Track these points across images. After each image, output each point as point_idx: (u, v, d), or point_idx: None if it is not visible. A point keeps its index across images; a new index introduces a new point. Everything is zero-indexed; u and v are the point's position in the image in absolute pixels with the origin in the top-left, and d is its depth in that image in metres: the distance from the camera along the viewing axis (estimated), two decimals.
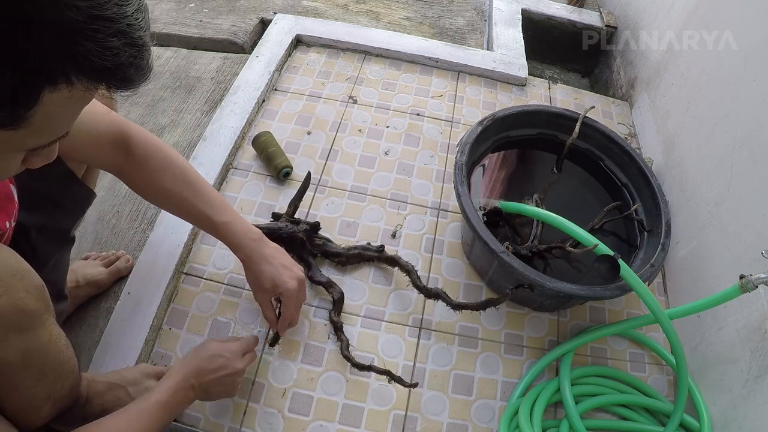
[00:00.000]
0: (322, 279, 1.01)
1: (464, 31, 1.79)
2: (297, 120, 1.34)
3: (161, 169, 0.81)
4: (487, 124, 1.11)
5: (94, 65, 0.37)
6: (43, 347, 0.59)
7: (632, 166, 1.13)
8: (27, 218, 0.65)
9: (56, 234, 0.75)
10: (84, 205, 0.80)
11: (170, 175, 0.81)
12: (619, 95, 1.61)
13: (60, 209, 0.74)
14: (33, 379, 0.60)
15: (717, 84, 1.09)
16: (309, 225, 1.05)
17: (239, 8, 1.72)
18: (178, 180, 0.82)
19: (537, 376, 0.98)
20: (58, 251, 0.77)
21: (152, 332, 0.95)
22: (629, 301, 1.11)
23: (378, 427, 0.91)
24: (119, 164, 0.79)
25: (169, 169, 0.81)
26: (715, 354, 0.94)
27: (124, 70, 0.39)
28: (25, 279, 0.55)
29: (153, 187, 0.82)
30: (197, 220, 0.86)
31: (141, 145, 0.79)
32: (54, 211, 0.73)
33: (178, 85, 1.44)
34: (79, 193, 0.78)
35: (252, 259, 0.85)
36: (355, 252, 1.05)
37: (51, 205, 0.72)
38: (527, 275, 0.88)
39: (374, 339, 1.00)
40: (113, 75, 0.39)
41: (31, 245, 0.69)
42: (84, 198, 0.79)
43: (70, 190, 0.76)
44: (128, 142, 0.77)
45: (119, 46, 0.38)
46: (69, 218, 0.78)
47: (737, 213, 0.95)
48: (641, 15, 1.56)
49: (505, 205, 1.03)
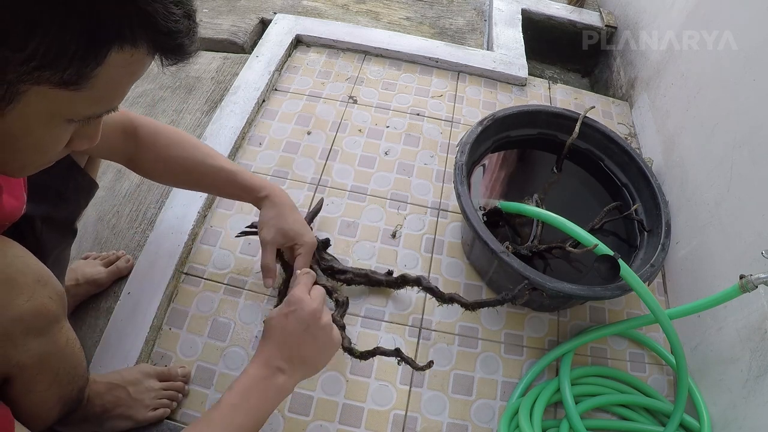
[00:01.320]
0: (327, 284, 0.97)
1: (464, 31, 1.79)
2: (297, 120, 1.34)
3: (171, 143, 0.85)
4: (487, 124, 1.11)
5: (158, 27, 0.40)
6: (60, 351, 0.60)
7: (632, 166, 1.13)
8: (32, 209, 0.65)
9: (61, 225, 0.76)
10: (87, 196, 0.81)
11: (178, 145, 0.86)
12: (619, 95, 1.61)
13: (64, 200, 0.75)
14: (48, 382, 0.61)
15: (717, 84, 1.09)
16: (319, 241, 1.02)
17: (239, 8, 1.72)
18: (188, 148, 0.86)
19: (537, 376, 0.98)
20: (62, 243, 0.77)
21: (152, 332, 0.95)
22: (629, 301, 1.11)
23: (378, 427, 0.91)
24: (129, 151, 0.82)
25: (178, 141, 0.86)
26: (715, 354, 0.94)
27: (182, 38, 0.42)
28: (48, 285, 0.56)
29: (164, 161, 0.85)
30: (213, 178, 0.88)
31: (147, 128, 0.83)
32: (58, 202, 0.73)
33: (178, 85, 1.44)
34: (83, 183, 0.78)
35: (279, 197, 0.88)
36: (362, 272, 1.02)
37: (55, 196, 0.73)
38: (527, 275, 0.88)
39: (374, 339, 1.00)
40: (173, 39, 0.42)
41: (36, 236, 0.69)
42: (87, 189, 0.80)
43: (74, 180, 0.76)
44: (136, 128, 0.81)
45: (179, 15, 0.41)
46: (73, 209, 0.79)
47: (737, 213, 0.95)
48: (641, 15, 1.56)
49: (505, 205, 1.03)
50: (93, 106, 0.43)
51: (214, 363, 0.94)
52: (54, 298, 0.56)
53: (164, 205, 1.11)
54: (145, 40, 0.40)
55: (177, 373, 0.90)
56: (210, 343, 0.97)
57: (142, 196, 1.16)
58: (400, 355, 0.86)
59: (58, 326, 0.59)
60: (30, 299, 0.53)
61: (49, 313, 0.55)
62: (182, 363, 0.94)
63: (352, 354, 0.88)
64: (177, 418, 0.88)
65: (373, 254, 1.11)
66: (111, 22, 0.37)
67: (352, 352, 0.88)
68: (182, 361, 0.94)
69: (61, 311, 0.59)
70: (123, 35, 0.39)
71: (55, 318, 0.57)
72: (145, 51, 0.41)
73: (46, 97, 0.39)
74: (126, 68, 0.41)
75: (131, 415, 0.81)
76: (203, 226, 1.12)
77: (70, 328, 0.63)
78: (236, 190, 0.90)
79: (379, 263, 1.10)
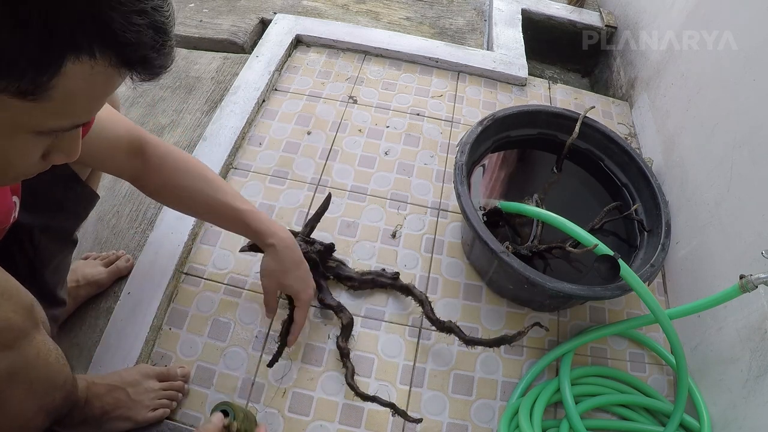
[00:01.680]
0: (333, 302, 0.99)
1: (464, 31, 1.79)
2: (297, 120, 1.34)
3: (178, 169, 0.82)
4: (487, 124, 1.11)
5: (116, 38, 0.38)
6: (30, 364, 0.59)
7: (632, 166, 1.13)
8: (31, 219, 0.65)
9: (59, 235, 0.75)
10: (87, 207, 0.80)
11: (188, 174, 0.83)
12: (619, 95, 1.61)
13: (63, 211, 0.75)
14: (21, 394, 0.60)
15: (717, 84, 1.09)
16: (323, 246, 1.02)
17: (239, 8, 1.72)
18: (197, 178, 0.84)
19: (537, 376, 0.98)
20: (61, 253, 0.77)
21: (152, 332, 0.95)
22: (629, 301, 1.11)
23: (378, 427, 0.91)
24: (135, 169, 0.80)
25: (186, 168, 0.83)
26: (715, 354, 0.94)
27: (145, 51, 0.40)
28: (12, 299, 0.55)
29: (171, 187, 0.83)
30: (220, 214, 0.86)
31: (155, 149, 0.80)
32: (57, 212, 0.73)
33: (178, 85, 1.44)
34: (83, 195, 0.78)
35: (284, 250, 0.86)
36: (368, 278, 1.03)
37: (55, 207, 0.72)
38: (527, 275, 0.88)
39: (374, 339, 1.00)
40: (134, 52, 0.40)
41: (34, 246, 0.69)
42: (87, 200, 0.80)
43: (74, 192, 0.76)
44: (143, 147, 0.79)
45: (142, 25, 0.39)
46: (72, 220, 0.79)
47: (737, 213, 0.94)
48: (641, 15, 1.56)
49: (505, 205, 1.03)
50: (56, 119, 0.42)
51: (214, 363, 0.94)
52: (18, 312, 0.55)
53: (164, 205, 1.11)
54: (104, 50, 0.38)
55: (177, 373, 0.90)
56: (210, 343, 0.97)
57: (142, 196, 1.16)
58: (395, 408, 0.88)
59: (26, 340, 0.58)
60: None
61: (13, 327, 0.54)
62: (182, 363, 0.94)
63: (353, 390, 0.90)
64: (177, 418, 0.88)
65: (373, 254, 1.11)
66: (63, 29, 0.36)
67: (353, 388, 0.90)
68: (182, 361, 0.94)
69: (29, 324, 0.57)
70: (77, 45, 0.37)
71: (20, 332, 0.56)
72: (107, 63, 0.39)
73: (7, 108, 0.38)
74: (87, 80, 0.39)
75: (131, 416, 0.81)
76: (203, 226, 1.12)
77: (45, 341, 0.61)
78: (244, 231, 0.88)
79: (379, 263, 1.10)
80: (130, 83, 0.44)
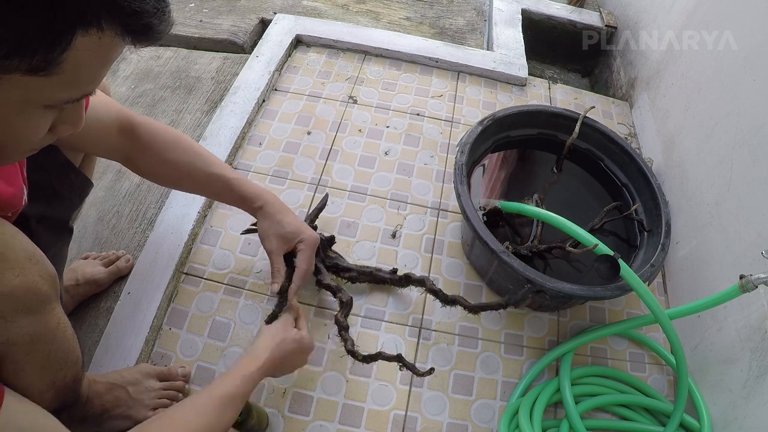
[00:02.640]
0: (332, 283, 0.98)
1: (464, 31, 1.79)
2: (297, 120, 1.34)
3: (169, 145, 0.85)
4: (487, 124, 1.11)
5: (122, 9, 0.40)
6: (50, 333, 0.60)
7: (632, 166, 1.13)
8: (27, 209, 0.66)
9: (55, 224, 0.76)
10: (82, 194, 0.81)
11: (178, 149, 0.85)
12: (619, 95, 1.61)
13: (58, 199, 0.75)
14: (38, 364, 0.61)
15: (717, 84, 1.09)
16: (324, 237, 1.03)
17: (239, 8, 1.72)
18: (186, 152, 0.86)
19: (537, 376, 0.98)
20: (57, 242, 0.77)
21: (152, 332, 0.95)
22: (629, 301, 1.11)
23: (378, 427, 0.91)
24: (126, 149, 0.82)
25: (176, 144, 0.85)
26: (715, 354, 0.94)
27: (149, 18, 0.42)
28: (39, 264, 0.56)
29: (163, 164, 0.85)
30: (210, 185, 0.89)
31: (146, 128, 0.82)
32: (53, 200, 0.74)
33: (178, 85, 1.44)
34: (77, 182, 0.78)
35: (273, 206, 0.89)
36: (367, 270, 1.02)
37: (50, 195, 0.73)
38: (527, 275, 0.88)
39: (374, 339, 1.00)
40: (139, 20, 0.41)
41: (31, 236, 0.69)
42: (81, 187, 0.80)
43: (68, 179, 0.76)
44: (134, 127, 0.81)
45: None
46: (67, 207, 0.79)
47: (737, 213, 0.94)
48: (641, 15, 1.56)
49: (505, 205, 1.03)
50: (67, 91, 0.43)
51: (214, 363, 0.95)
52: (45, 278, 0.56)
53: (164, 205, 1.11)
54: (110, 22, 0.40)
55: (177, 373, 0.90)
56: (210, 343, 0.97)
57: (142, 196, 1.16)
58: (402, 361, 0.87)
59: (49, 307, 0.59)
60: (20, 275, 0.53)
61: (39, 291, 0.55)
62: (182, 363, 0.94)
63: (355, 357, 0.89)
64: None
65: (373, 254, 1.11)
66: (71, 5, 0.37)
67: (354, 355, 0.89)
68: (182, 360, 0.94)
69: (53, 292, 0.59)
70: (86, 18, 0.39)
71: (46, 298, 0.57)
72: (113, 33, 0.41)
73: (19, 85, 0.40)
74: (95, 51, 0.41)
75: (131, 415, 0.81)
76: (203, 226, 1.12)
77: (63, 314, 0.63)
78: (232, 199, 0.90)
79: (379, 263, 1.10)
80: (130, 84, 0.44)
